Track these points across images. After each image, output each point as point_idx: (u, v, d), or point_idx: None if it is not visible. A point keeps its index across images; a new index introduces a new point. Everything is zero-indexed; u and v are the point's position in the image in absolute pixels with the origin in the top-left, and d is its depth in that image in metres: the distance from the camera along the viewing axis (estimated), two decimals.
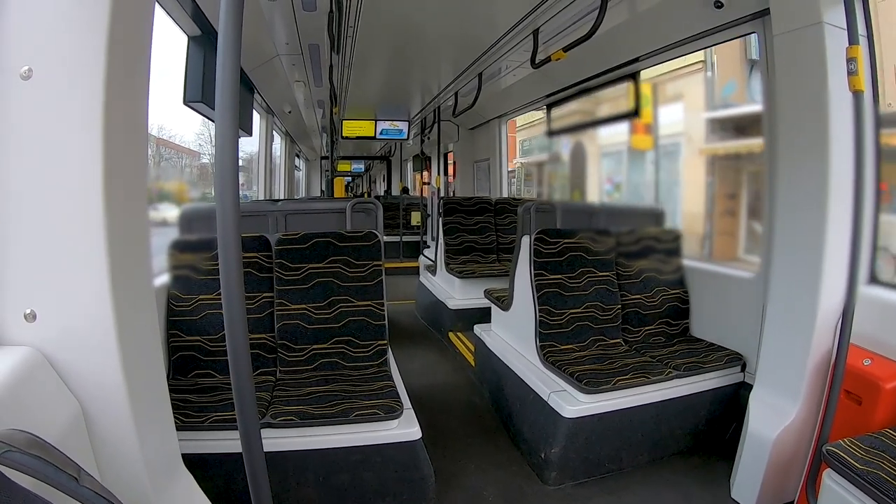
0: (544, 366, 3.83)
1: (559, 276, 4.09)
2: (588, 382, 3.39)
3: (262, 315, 3.57)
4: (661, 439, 3.70)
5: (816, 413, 2.98)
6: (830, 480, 2.41)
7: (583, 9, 4.14)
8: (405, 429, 2.98)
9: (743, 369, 3.86)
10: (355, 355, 3.59)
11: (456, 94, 7.58)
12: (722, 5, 3.68)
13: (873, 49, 3.16)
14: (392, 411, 2.92)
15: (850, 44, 2.50)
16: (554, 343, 3.96)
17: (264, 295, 3.60)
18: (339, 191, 9.23)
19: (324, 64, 6.07)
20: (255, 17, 4.51)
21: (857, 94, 2.51)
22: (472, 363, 5.41)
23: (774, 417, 3.10)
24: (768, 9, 3.27)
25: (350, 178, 29.03)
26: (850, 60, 2.48)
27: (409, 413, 3.08)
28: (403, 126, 10.21)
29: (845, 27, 2.64)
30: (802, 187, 3.11)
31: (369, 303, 3.64)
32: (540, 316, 3.97)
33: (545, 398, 3.58)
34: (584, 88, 6.27)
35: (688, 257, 4.52)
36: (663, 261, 4.48)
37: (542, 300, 4.00)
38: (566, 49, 4.35)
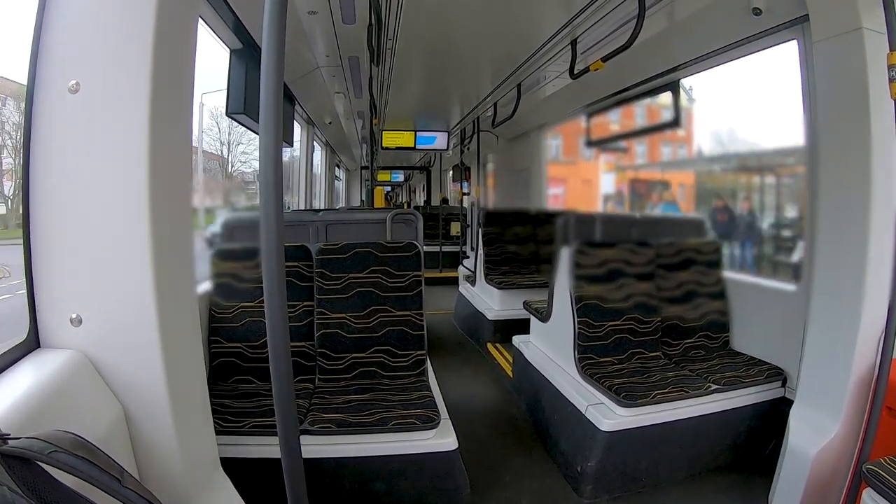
0: (582, 378, 3.80)
1: (598, 288, 4.07)
2: (626, 396, 3.37)
3: (302, 324, 3.62)
4: (700, 454, 3.65)
5: (858, 430, 2.91)
6: (870, 499, 2.35)
7: (620, 18, 4.11)
8: (442, 439, 2.98)
9: (784, 384, 3.79)
10: (394, 365, 3.61)
11: (495, 104, 7.56)
12: (761, 12, 3.62)
13: None
14: (429, 421, 2.93)
15: (890, 49, 2.45)
16: (592, 355, 3.94)
17: (304, 304, 3.64)
18: (379, 201, 9.31)
19: (363, 76, 6.14)
20: (295, 30, 4.59)
21: None
22: (510, 374, 5.39)
23: (815, 434, 3.03)
24: (807, 15, 3.23)
25: (390, 188, 29.23)
26: (892, 67, 2.42)
27: (445, 423, 3.09)
28: (442, 137, 10.18)
29: (885, 32, 2.59)
30: (844, 198, 3.05)
31: (408, 313, 3.66)
32: (579, 328, 3.96)
33: (583, 411, 3.56)
34: (623, 98, 6.22)
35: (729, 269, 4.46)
36: (703, 273, 4.44)
37: (580, 312, 3.98)
38: (605, 59, 4.31)
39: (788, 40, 3.74)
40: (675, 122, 5.53)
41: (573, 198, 9.16)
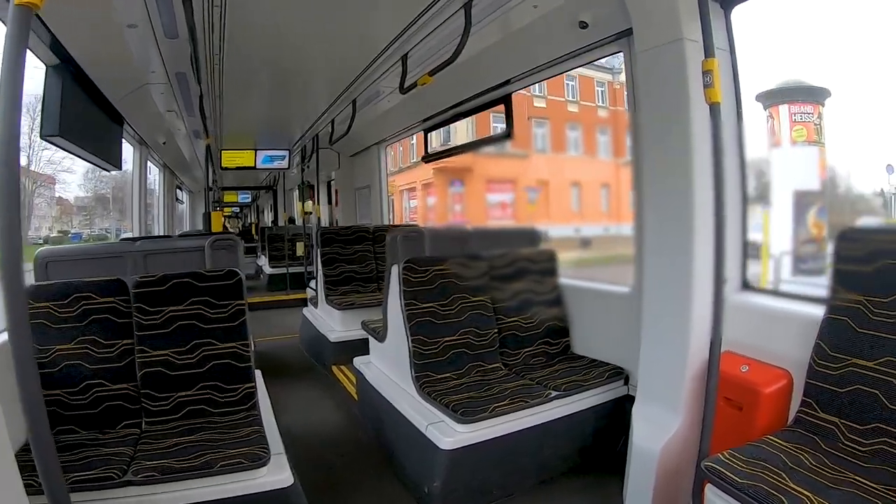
0: (421, 397, 3.72)
1: (430, 304, 4.02)
2: (464, 412, 3.31)
3: (122, 364, 3.29)
4: (549, 460, 3.66)
5: (700, 423, 3.00)
6: (713, 495, 2.39)
7: (449, 33, 4.10)
8: (275, 476, 2.77)
9: (626, 382, 3.90)
10: (223, 401, 3.35)
11: (332, 121, 7.47)
12: (587, 25, 3.73)
13: (735, 62, 3.28)
14: (258, 459, 2.71)
15: (706, 56, 2.55)
16: (430, 373, 3.87)
17: (124, 342, 3.31)
18: (217, 224, 8.89)
19: (193, 93, 5.82)
20: (117, 45, 4.24)
21: (713, 106, 2.55)
22: (356, 397, 5.25)
23: (657, 430, 3.10)
24: (631, 28, 3.33)
25: (238, 209, 28.33)
26: (706, 73, 2.52)
27: (278, 459, 2.88)
28: (284, 155, 9.97)
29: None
30: (668, 199, 3.16)
31: (233, 345, 3.42)
32: (413, 346, 3.88)
33: (423, 430, 3.47)
34: (458, 112, 6.30)
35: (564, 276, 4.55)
36: (539, 281, 4.49)
37: (414, 329, 3.92)
38: (432, 73, 4.31)
39: (615, 53, 3.91)
40: (507, 135, 5.60)
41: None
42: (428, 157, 7.49)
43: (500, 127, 5.69)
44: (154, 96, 6.00)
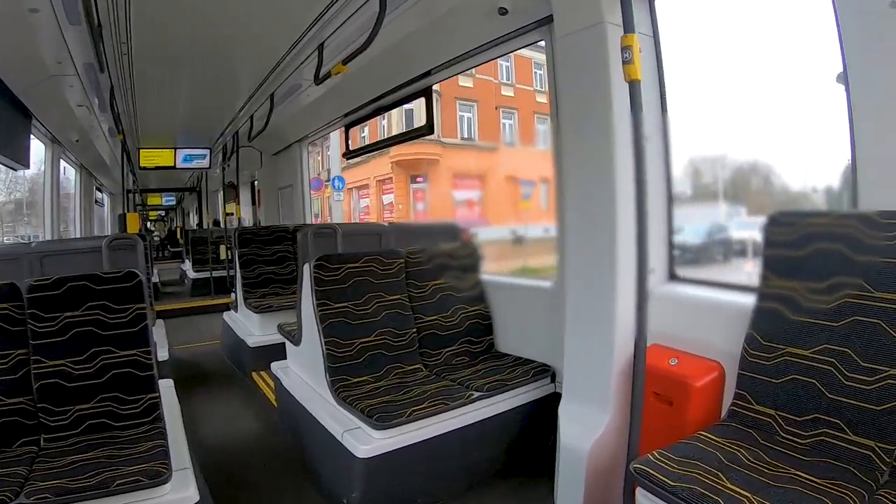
0: (337, 402, 3.55)
1: (344, 304, 3.85)
2: (380, 418, 3.15)
3: (17, 376, 2.99)
4: (476, 464, 3.54)
5: (629, 420, 2.91)
6: (644, 498, 2.27)
7: (366, 21, 3.92)
8: (179, 493, 2.55)
9: (553, 380, 3.80)
10: (124, 413, 3.09)
11: (252, 117, 7.25)
12: (507, 12, 3.63)
13: (659, 46, 3.23)
14: (158, 476, 2.49)
15: (625, 32, 2.44)
16: (346, 376, 3.70)
17: (18, 352, 3.02)
18: (133, 226, 8.48)
19: (104, 87, 5.49)
20: (19, 31, 3.97)
21: (633, 84, 2.44)
22: (276, 404, 5.04)
23: (586, 429, 3.02)
24: (552, 15, 3.26)
25: (164, 213, 27.56)
26: (625, 49, 2.41)
27: (183, 474, 2.66)
28: (205, 154, 9.68)
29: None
30: (590, 189, 3.09)
31: (134, 352, 3.16)
32: (328, 349, 3.71)
33: (339, 438, 3.30)
34: (380, 107, 6.17)
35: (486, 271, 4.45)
36: (460, 277, 4.37)
37: (327, 331, 3.75)
38: (346, 62, 4.13)
39: (537, 41, 3.81)
40: (429, 129, 5.46)
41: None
42: (349, 154, 7.38)
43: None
44: (63, 89, 5.65)
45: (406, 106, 5.89)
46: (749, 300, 2.61)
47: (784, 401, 2.37)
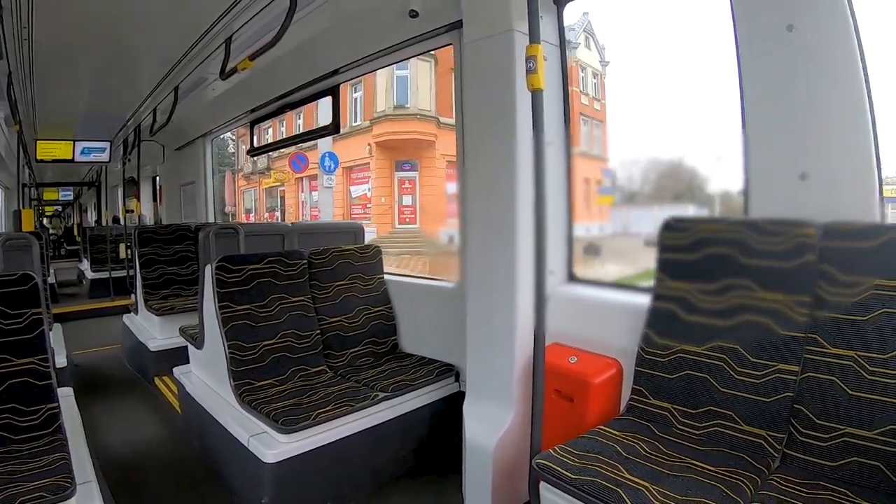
0: (242, 407, 3.49)
1: (247, 307, 3.79)
2: (286, 422, 3.11)
3: None
4: (384, 465, 3.55)
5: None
6: (548, 492, 2.34)
7: (276, 17, 3.87)
8: None
9: (458, 379, 3.85)
10: (23, 425, 2.92)
11: (155, 109, 6.99)
12: (417, 14, 3.66)
13: (565, 56, 3.32)
14: (61, 490, 2.39)
15: (530, 42, 2.50)
16: (250, 380, 3.64)
17: None
18: (28, 223, 8.03)
19: (2, 72, 5.20)
20: None
21: (535, 93, 2.51)
22: (179, 411, 4.88)
23: (490, 426, 3.07)
24: (462, 20, 3.30)
25: (60, 208, 26.13)
26: (529, 59, 2.47)
27: (87, 488, 2.55)
28: (105, 147, 9.21)
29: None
30: (492, 191, 3.14)
31: (31, 360, 2.99)
32: (230, 352, 3.64)
33: (245, 443, 3.25)
34: (286, 104, 6.07)
35: (389, 272, 4.47)
36: (363, 278, 4.38)
37: (230, 334, 3.67)
38: (252, 57, 4.07)
39: (447, 45, 3.85)
40: (334, 128, 5.43)
41: None
42: (253, 152, 7.27)
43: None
44: None
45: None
46: (645, 300, 2.72)
47: (679, 395, 2.49)
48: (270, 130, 19.97)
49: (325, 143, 20.73)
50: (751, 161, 2.55)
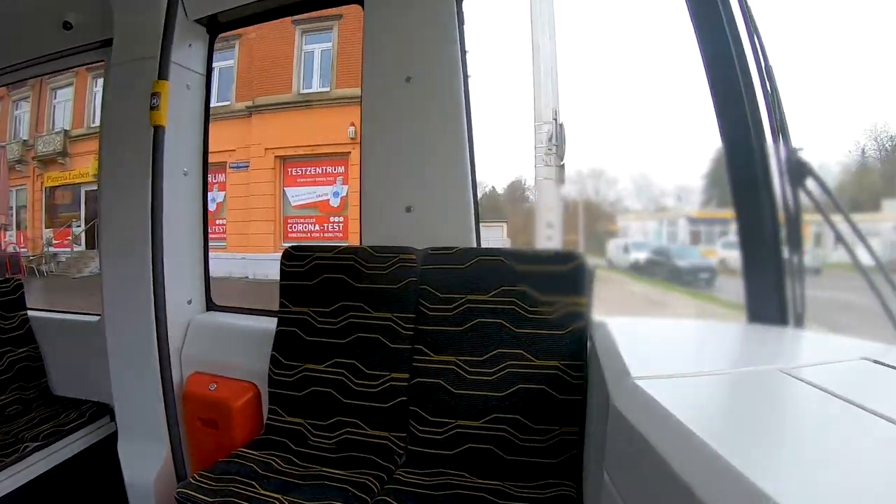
0: None
1: None
2: None
3: None
4: None
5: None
6: None
7: None
8: None
9: (113, 418, 3.60)
10: None
11: None
12: (71, 26, 3.49)
13: (210, 85, 3.37)
14: None
15: (158, 78, 2.54)
16: None
17: None
18: None
19: None
20: None
21: (157, 129, 2.56)
22: None
23: (147, 463, 3.02)
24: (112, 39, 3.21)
25: None
26: (154, 95, 2.51)
27: None
28: None
29: (185, 65, 2.66)
30: (128, 219, 3.07)
31: None
32: None
33: None
34: None
35: (32, 307, 4.03)
36: (3, 316, 3.85)
37: None
38: None
39: (98, 61, 3.68)
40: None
41: None
42: None
43: None
44: None
45: None
46: (273, 324, 2.87)
47: (309, 410, 2.67)
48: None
49: None
50: (366, 195, 2.87)
